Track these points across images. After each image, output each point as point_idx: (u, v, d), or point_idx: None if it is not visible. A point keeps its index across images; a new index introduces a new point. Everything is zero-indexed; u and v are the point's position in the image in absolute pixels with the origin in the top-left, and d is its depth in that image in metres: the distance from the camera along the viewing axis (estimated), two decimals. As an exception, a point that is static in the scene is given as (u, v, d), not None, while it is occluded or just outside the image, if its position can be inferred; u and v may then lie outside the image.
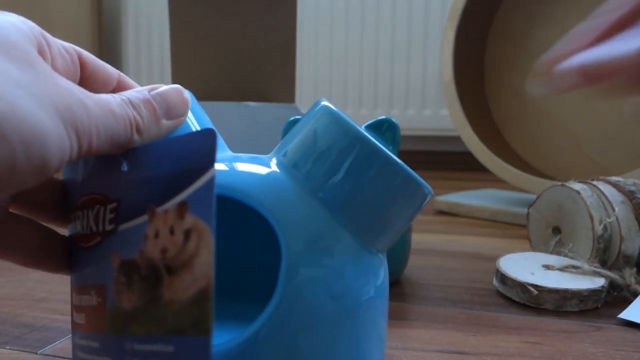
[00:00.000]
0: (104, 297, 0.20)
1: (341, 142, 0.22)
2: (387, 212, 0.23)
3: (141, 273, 0.19)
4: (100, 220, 0.21)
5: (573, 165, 0.76)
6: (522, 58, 0.81)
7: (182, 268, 0.18)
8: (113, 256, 0.20)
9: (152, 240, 0.19)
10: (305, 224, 0.22)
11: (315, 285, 0.21)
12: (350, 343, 0.22)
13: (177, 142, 0.20)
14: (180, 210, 0.19)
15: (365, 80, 1.37)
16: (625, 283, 0.39)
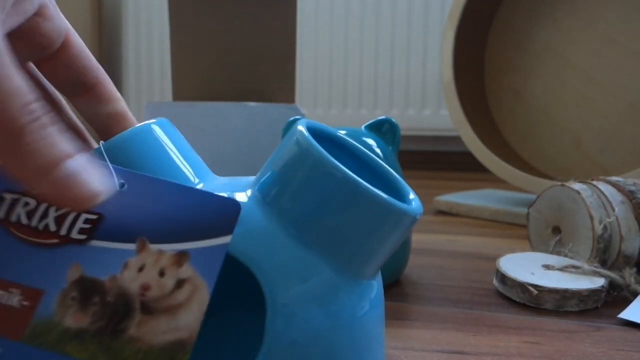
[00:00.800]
0: (35, 302, 0.18)
1: (312, 175, 0.20)
2: (370, 242, 0.21)
3: (106, 298, 0.18)
4: (66, 223, 0.19)
5: (573, 165, 0.76)
6: (522, 58, 0.81)
7: (162, 312, 0.18)
8: (73, 267, 0.19)
9: (133, 273, 0.18)
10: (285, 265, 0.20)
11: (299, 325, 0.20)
12: None
13: (197, 195, 0.19)
14: (179, 258, 0.18)
15: (365, 80, 1.37)
16: (625, 283, 0.39)
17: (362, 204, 0.20)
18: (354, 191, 0.20)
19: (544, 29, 0.79)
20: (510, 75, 0.83)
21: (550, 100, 0.78)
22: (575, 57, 0.76)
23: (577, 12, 0.75)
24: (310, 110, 1.40)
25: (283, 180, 0.21)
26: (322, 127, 0.24)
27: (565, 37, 0.77)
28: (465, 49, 0.82)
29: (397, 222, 0.21)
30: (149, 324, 0.18)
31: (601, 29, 0.73)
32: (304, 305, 0.20)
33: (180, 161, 0.23)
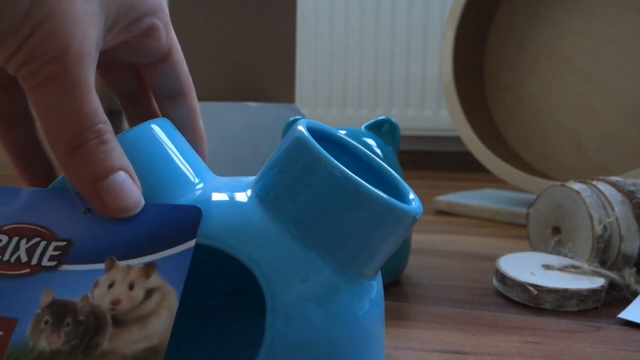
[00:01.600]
0: (9, 331, 0.19)
1: (312, 174, 0.21)
2: (370, 242, 0.21)
3: (78, 317, 0.19)
4: (37, 253, 0.20)
5: (573, 165, 0.76)
6: (522, 58, 0.81)
7: (134, 323, 0.19)
8: (45, 293, 0.19)
9: (104, 290, 0.19)
10: (285, 265, 0.20)
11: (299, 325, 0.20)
12: None
13: (159, 208, 0.20)
14: (147, 270, 0.19)
15: (365, 80, 1.37)
16: (625, 283, 0.39)
17: (362, 204, 0.20)
18: (353, 191, 0.20)
19: (543, 29, 0.79)
20: (510, 75, 0.83)
21: (550, 100, 0.78)
22: (575, 57, 0.76)
23: (577, 12, 0.75)
24: (310, 110, 1.40)
25: (283, 181, 0.21)
26: (322, 127, 0.24)
27: (565, 37, 0.77)
28: (465, 49, 0.82)
29: (397, 222, 0.21)
30: (121, 335, 0.18)
31: (601, 29, 0.73)
32: (304, 305, 0.20)
33: (180, 161, 0.23)
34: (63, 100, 0.18)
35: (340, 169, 0.20)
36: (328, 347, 0.21)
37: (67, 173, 0.20)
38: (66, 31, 0.18)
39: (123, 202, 0.20)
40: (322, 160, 0.20)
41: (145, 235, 0.20)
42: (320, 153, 0.20)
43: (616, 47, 0.72)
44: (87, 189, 0.20)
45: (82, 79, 0.19)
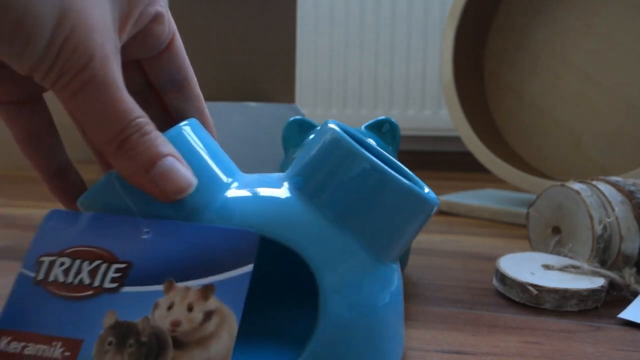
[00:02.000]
0: (75, 351, 0.20)
1: (347, 168, 0.23)
2: (396, 227, 0.24)
3: (140, 339, 0.20)
4: (99, 275, 0.21)
5: (572, 165, 0.76)
6: (522, 58, 0.81)
7: (194, 345, 0.19)
8: (108, 314, 0.20)
9: (164, 311, 0.20)
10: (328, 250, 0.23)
11: (344, 301, 0.22)
12: (376, 347, 0.24)
13: (217, 232, 0.21)
14: (205, 292, 0.20)
15: (365, 80, 1.37)
16: (625, 283, 0.39)
17: (391, 192, 0.23)
18: (384, 180, 0.23)
19: (543, 29, 0.79)
20: (510, 75, 0.83)
21: (550, 100, 0.78)
22: (575, 57, 0.76)
23: (577, 12, 0.75)
24: (310, 110, 1.40)
25: (320, 174, 0.24)
26: (344, 127, 0.26)
27: (565, 37, 0.77)
28: (465, 49, 0.82)
29: (421, 209, 0.24)
30: (182, 358, 0.19)
31: (601, 29, 0.73)
32: (347, 283, 0.23)
33: (212, 161, 0.24)
34: (98, 103, 0.20)
35: (372, 161, 0.23)
36: (370, 320, 0.23)
37: (120, 170, 0.21)
38: (88, 41, 0.19)
39: (176, 183, 0.21)
40: (357, 155, 0.23)
41: (203, 258, 0.21)
42: (355, 148, 0.23)
43: (616, 47, 0.72)
44: (142, 179, 0.21)
45: (111, 79, 0.20)
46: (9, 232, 0.60)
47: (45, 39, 0.18)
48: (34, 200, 0.83)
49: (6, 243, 0.54)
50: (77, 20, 0.19)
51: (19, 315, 0.21)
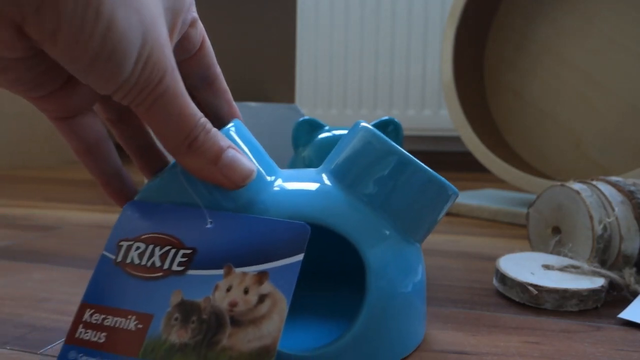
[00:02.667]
0: (147, 324, 0.22)
1: (382, 159, 0.27)
2: (422, 212, 0.28)
3: (202, 316, 0.22)
4: (168, 259, 0.24)
5: (573, 165, 0.76)
6: (521, 58, 0.81)
7: (249, 324, 0.22)
8: (175, 293, 0.23)
9: (223, 293, 0.23)
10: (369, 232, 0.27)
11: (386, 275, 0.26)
12: (412, 315, 0.28)
13: (271, 224, 0.24)
14: (260, 277, 0.23)
15: (365, 80, 1.37)
16: (625, 283, 0.39)
17: (419, 181, 0.27)
18: (413, 170, 0.27)
19: (543, 29, 0.79)
20: (510, 75, 0.83)
21: (550, 100, 0.78)
22: (575, 57, 0.76)
23: (577, 12, 0.75)
24: (310, 110, 1.40)
25: (357, 166, 0.28)
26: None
27: (565, 37, 0.77)
28: (465, 49, 0.82)
29: (443, 196, 0.28)
30: (238, 334, 0.22)
31: (601, 29, 0.73)
32: (386, 261, 0.26)
33: (258, 158, 0.27)
34: (171, 111, 0.22)
35: (403, 154, 0.27)
36: (408, 292, 0.27)
37: (190, 166, 0.23)
38: (162, 56, 0.21)
39: (241, 172, 0.24)
40: (390, 149, 0.27)
41: (259, 247, 0.23)
42: (389, 143, 0.27)
43: (616, 47, 0.72)
44: (211, 172, 0.23)
45: (179, 89, 0.22)
46: (9, 232, 0.60)
47: (133, 60, 0.20)
48: (34, 200, 0.83)
49: (6, 243, 0.54)
50: (154, 39, 0.21)
51: (100, 291, 0.24)
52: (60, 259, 0.48)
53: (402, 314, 0.27)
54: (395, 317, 0.27)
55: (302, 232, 0.24)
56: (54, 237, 0.58)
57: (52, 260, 0.48)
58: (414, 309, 0.28)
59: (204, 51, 0.27)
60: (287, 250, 0.23)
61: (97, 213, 0.73)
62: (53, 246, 0.53)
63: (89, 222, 0.66)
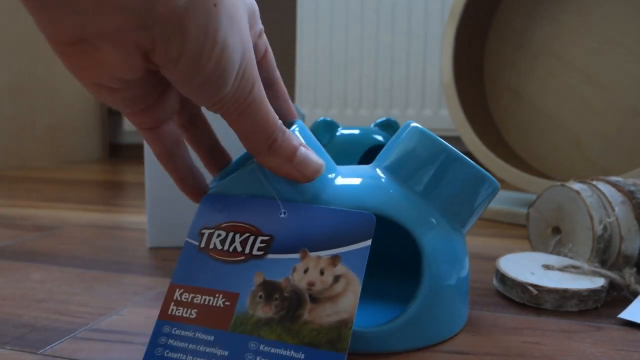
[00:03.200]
0: (234, 302, 0.25)
1: (434, 155, 0.31)
2: (468, 202, 0.31)
3: (283, 294, 0.25)
4: (248, 245, 0.27)
5: (572, 165, 0.76)
6: (521, 58, 0.81)
7: (326, 301, 0.25)
8: (257, 275, 0.26)
9: (301, 274, 0.25)
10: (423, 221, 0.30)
11: (439, 259, 0.30)
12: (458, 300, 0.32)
13: (341, 214, 0.27)
14: (333, 260, 0.25)
15: (365, 80, 1.37)
16: (625, 283, 0.39)
17: (466, 175, 0.31)
18: (460, 165, 0.30)
19: (543, 29, 0.79)
20: (510, 75, 0.83)
21: (550, 100, 0.78)
22: (575, 57, 0.76)
23: (577, 12, 0.75)
24: (310, 110, 1.40)
25: (410, 162, 0.31)
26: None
27: (565, 37, 0.76)
28: (465, 50, 0.82)
29: (487, 187, 0.31)
30: (317, 310, 0.25)
31: (601, 29, 0.73)
32: (439, 246, 0.30)
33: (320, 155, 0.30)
34: (258, 117, 0.24)
35: (452, 150, 0.30)
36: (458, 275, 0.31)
37: (270, 164, 0.26)
38: (253, 70, 0.24)
39: (313, 167, 0.27)
40: (440, 146, 0.30)
41: (330, 234, 0.26)
42: (439, 141, 0.30)
43: (616, 47, 0.72)
44: (287, 168, 0.26)
45: (264, 97, 0.25)
46: (8, 232, 0.60)
47: (234, 75, 0.23)
48: (34, 200, 0.83)
49: (6, 243, 0.54)
50: (248, 56, 0.23)
51: (187, 274, 0.27)
52: (59, 259, 0.48)
53: (452, 295, 0.31)
54: (447, 297, 0.30)
55: (369, 220, 0.26)
56: (54, 237, 0.58)
57: (52, 260, 0.48)
58: (461, 291, 0.32)
59: (267, 57, 0.30)
60: (356, 236, 0.26)
61: (97, 213, 0.73)
62: (52, 246, 0.53)
63: (89, 222, 0.66)
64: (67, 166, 1.39)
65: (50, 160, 1.43)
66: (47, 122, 1.42)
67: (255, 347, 0.24)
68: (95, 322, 0.33)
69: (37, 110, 1.39)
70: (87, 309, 0.36)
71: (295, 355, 0.24)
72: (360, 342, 0.28)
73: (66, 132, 1.47)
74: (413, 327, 0.29)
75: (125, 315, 0.35)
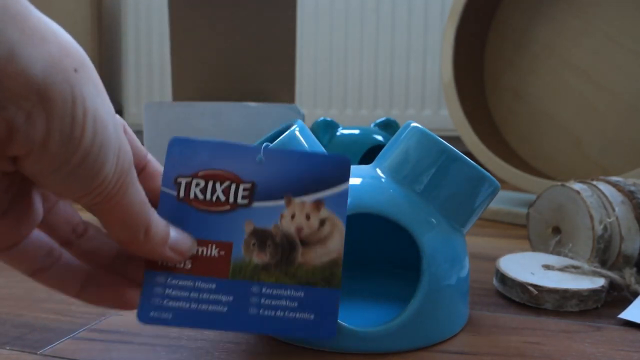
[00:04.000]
0: (228, 251, 0.26)
1: (434, 155, 0.31)
2: (468, 202, 0.31)
3: (275, 240, 0.26)
4: (230, 193, 0.27)
5: (573, 166, 0.76)
6: (521, 58, 0.81)
7: (316, 244, 0.26)
8: (247, 223, 0.26)
9: (288, 220, 0.26)
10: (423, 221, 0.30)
11: (438, 258, 0.30)
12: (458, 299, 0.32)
13: (316, 156, 0.27)
14: (317, 205, 0.26)
15: (365, 80, 1.37)
16: (625, 283, 0.39)
17: (466, 174, 0.31)
18: (461, 165, 0.30)
19: (543, 29, 0.79)
20: (510, 75, 0.83)
21: (550, 100, 0.78)
22: (575, 57, 0.76)
23: (577, 12, 0.75)
24: (310, 110, 1.40)
25: (410, 162, 0.31)
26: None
27: (565, 37, 0.76)
28: (465, 49, 0.82)
29: (487, 187, 0.31)
30: (309, 252, 0.26)
31: (601, 29, 0.73)
32: (438, 246, 0.30)
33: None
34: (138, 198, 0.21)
35: (452, 150, 0.30)
36: (458, 274, 0.31)
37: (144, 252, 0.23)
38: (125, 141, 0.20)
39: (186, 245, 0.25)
40: (440, 146, 0.31)
41: (309, 178, 0.27)
42: (439, 141, 0.31)
43: (616, 46, 0.72)
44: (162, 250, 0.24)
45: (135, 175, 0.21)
46: (8, 232, 0.59)
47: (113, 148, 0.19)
48: (34, 200, 0.83)
49: (6, 243, 0.54)
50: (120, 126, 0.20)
51: (187, 227, 0.26)
52: (60, 259, 0.48)
53: (451, 295, 0.31)
54: (447, 297, 0.30)
55: (344, 163, 0.27)
56: (54, 237, 0.57)
57: (52, 260, 0.48)
58: (461, 291, 0.32)
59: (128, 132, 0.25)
60: (334, 179, 0.26)
61: (97, 213, 0.73)
62: (53, 246, 0.53)
63: (89, 222, 0.66)
64: (67, 166, 1.39)
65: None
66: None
67: (258, 290, 0.26)
68: (95, 322, 0.33)
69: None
70: (87, 309, 0.36)
71: (296, 294, 0.26)
72: (360, 342, 0.28)
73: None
74: (413, 327, 0.29)
75: (125, 315, 0.34)
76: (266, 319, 0.26)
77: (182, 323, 0.26)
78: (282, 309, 0.26)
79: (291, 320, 0.26)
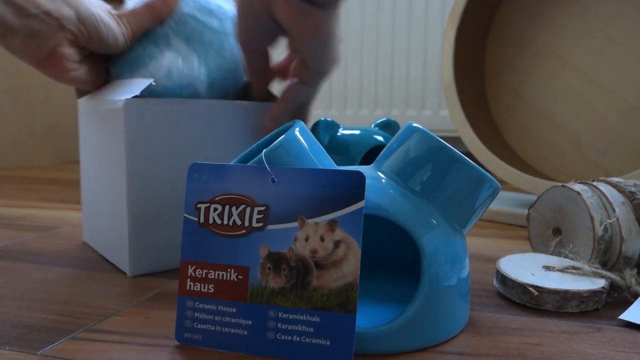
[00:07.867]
0: (246, 275, 0.27)
1: (435, 156, 0.30)
2: (468, 202, 0.31)
3: (290, 264, 0.26)
4: (246, 217, 0.27)
5: (573, 166, 0.76)
6: (522, 59, 0.81)
7: (331, 266, 0.26)
8: (262, 247, 0.27)
9: (302, 242, 0.26)
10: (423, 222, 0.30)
11: (439, 258, 0.30)
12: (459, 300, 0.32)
13: (330, 174, 0.27)
14: (331, 225, 0.26)
15: (365, 80, 1.37)
16: (626, 284, 0.39)
17: (466, 175, 0.30)
18: (461, 166, 0.30)
19: (543, 29, 0.79)
20: (510, 75, 0.83)
21: (550, 100, 0.78)
22: (575, 58, 0.76)
23: (577, 12, 0.75)
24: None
25: (411, 162, 0.31)
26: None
27: (565, 37, 0.76)
28: (465, 50, 0.82)
29: (487, 188, 0.31)
30: (324, 276, 0.26)
31: (601, 29, 0.73)
32: (438, 246, 0.30)
33: (317, 159, 0.31)
34: None
35: (452, 151, 0.30)
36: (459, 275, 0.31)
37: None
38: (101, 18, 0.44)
39: None
40: (441, 147, 0.30)
41: (323, 196, 0.27)
42: (440, 142, 0.30)
43: (616, 47, 0.72)
44: None
45: None
46: (7, 233, 0.59)
47: None
48: (33, 201, 0.83)
49: (5, 243, 0.54)
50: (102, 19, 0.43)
51: (194, 249, 0.28)
52: (58, 259, 0.48)
53: (452, 296, 0.31)
54: (447, 298, 0.30)
55: (359, 179, 0.26)
56: (53, 237, 0.57)
57: (52, 261, 0.48)
58: (461, 292, 0.32)
59: None
60: (348, 197, 0.26)
61: (97, 213, 0.73)
62: (51, 246, 0.53)
63: (89, 222, 0.66)
64: (67, 166, 1.39)
65: (50, 160, 1.43)
66: (46, 122, 1.42)
67: (275, 314, 0.26)
68: (95, 322, 0.33)
69: (37, 110, 1.38)
70: (87, 309, 0.36)
71: (311, 319, 0.26)
72: (360, 342, 0.28)
73: (66, 132, 1.47)
74: (413, 328, 0.29)
75: (125, 315, 0.34)
76: (283, 343, 0.26)
77: (209, 344, 0.27)
78: (298, 333, 0.26)
79: (307, 345, 0.26)
